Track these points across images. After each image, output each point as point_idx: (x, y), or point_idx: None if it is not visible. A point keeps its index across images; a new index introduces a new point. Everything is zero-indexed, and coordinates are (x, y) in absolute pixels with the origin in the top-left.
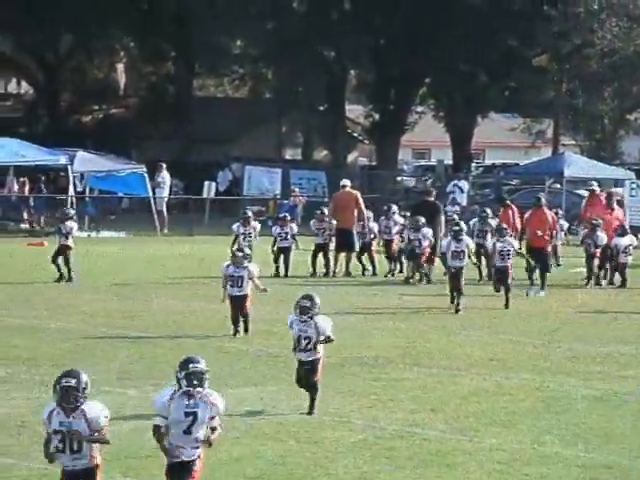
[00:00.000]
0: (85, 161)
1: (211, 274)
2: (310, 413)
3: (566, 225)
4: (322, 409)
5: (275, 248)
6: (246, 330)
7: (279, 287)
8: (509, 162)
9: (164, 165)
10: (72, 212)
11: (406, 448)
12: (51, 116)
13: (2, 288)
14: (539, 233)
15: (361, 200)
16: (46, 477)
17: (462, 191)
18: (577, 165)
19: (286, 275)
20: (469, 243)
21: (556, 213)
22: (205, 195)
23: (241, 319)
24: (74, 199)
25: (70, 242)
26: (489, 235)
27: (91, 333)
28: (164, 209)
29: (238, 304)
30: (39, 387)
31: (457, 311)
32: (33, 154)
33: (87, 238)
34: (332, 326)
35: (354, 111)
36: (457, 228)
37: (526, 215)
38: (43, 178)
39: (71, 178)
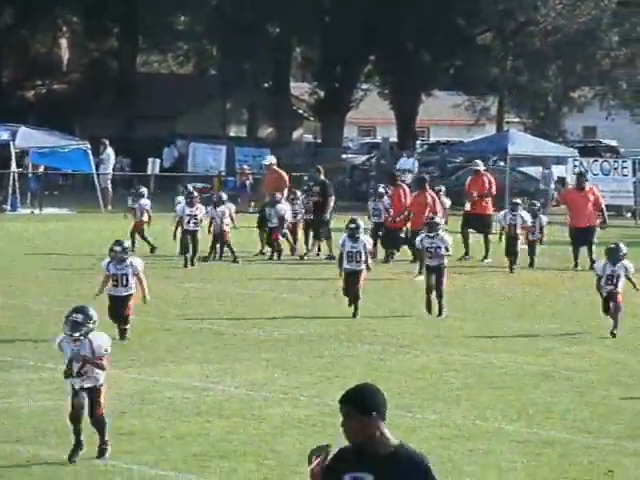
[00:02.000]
0: (28, 137)
1: (157, 252)
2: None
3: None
4: (267, 386)
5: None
6: (122, 335)
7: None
8: (453, 140)
9: (107, 141)
10: (144, 189)
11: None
12: None
13: None
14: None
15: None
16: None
17: (410, 171)
18: (521, 143)
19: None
20: (367, 243)
21: (438, 192)
22: (149, 172)
23: (118, 323)
24: (16, 175)
25: (145, 218)
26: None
27: (38, 310)
28: (108, 186)
29: (122, 305)
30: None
31: (355, 315)
32: None
33: (30, 215)
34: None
35: (299, 88)
36: (353, 226)
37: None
38: None
39: (13, 154)
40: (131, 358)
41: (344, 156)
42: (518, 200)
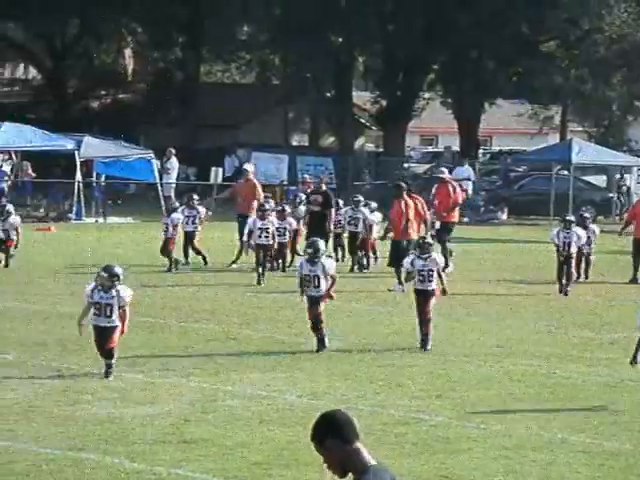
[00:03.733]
0: (92, 146)
1: (219, 260)
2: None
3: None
4: (329, 395)
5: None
6: (107, 372)
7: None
8: (516, 149)
9: (173, 151)
10: (177, 204)
11: (412, 434)
12: (58, 101)
13: (12, 273)
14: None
15: (259, 188)
16: (53, 462)
17: (469, 178)
18: (585, 152)
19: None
20: (329, 266)
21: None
22: (212, 181)
23: (103, 357)
24: (81, 185)
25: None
26: (361, 223)
27: None
28: (172, 195)
29: (104, 337)
30: (46, 372)
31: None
32: (41, 139)
33: (94, 224)
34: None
35: (361, 97)
36: (310, 250)
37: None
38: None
39: (78, 164)
40: (194, 366)
41: (406, 165)
42: (571, 217)
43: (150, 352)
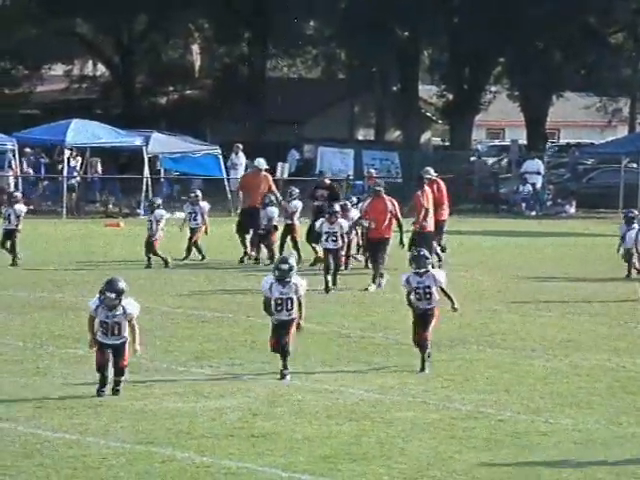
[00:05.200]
0: (160, 142)
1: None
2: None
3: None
4: (396, 389)
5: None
6: (115, 389)
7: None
8: (584, 141)
9: (241, 146)
10: (159, 201)
11: (481, 429)
12: (126, 98)
13: (85, 268)
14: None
15: (271, 181)
16: (123, 455)
17: (539, 172)
18: None
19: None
20: (301, 287)
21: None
22: (278, 176)
23: (112, 376)
24: (149, 180)
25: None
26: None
27: (169, 313)
28: None
29: (115, 355)
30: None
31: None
32: (109, 136)
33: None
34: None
35: (427, 91)
36: (285, 267)
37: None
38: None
39: (146, 159)
40: (261, 361)
41: (472, 159)
42: (635, 213)
43: (218, 346)
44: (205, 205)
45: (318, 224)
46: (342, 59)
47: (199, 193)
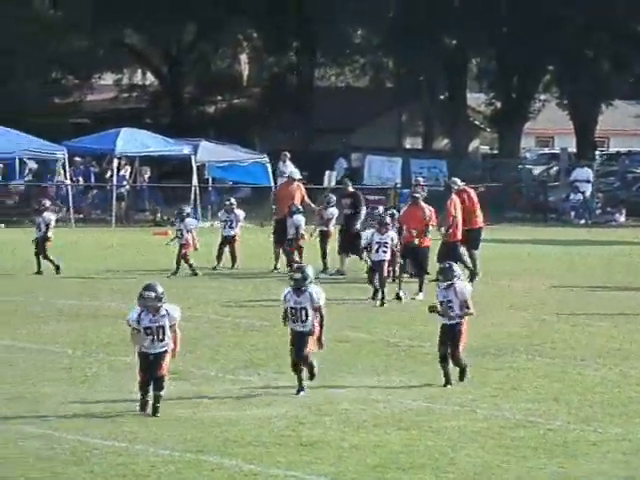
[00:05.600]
0: (208, 151)
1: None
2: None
3: None
4: (444, 398)
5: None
6: (155, 408)
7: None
8: (635, 149)
9: (288, 155)
10: (189, 209)
11: (530, 438)
12: (175, 107)
13: (134, 276)
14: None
15: (304, 191)
16: (172, 463)
17: (588, 180)
18: None
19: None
20: (318, 296)
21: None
22: (325, 184)
23: (151, 387)
24: (197, 189)
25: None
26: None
27: (217, 321)
28: None
29: (155, 363)
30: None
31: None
32: (158, 144)
33: (210, 227)
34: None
35: (475, 99)
36: (299, 276)
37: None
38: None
39: (194, 168)
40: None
41: (521, 167)
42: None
43: (266, 355)
44: (240, 213)
45: (368, 234)
46: (390, 68)
47: (234, 201)
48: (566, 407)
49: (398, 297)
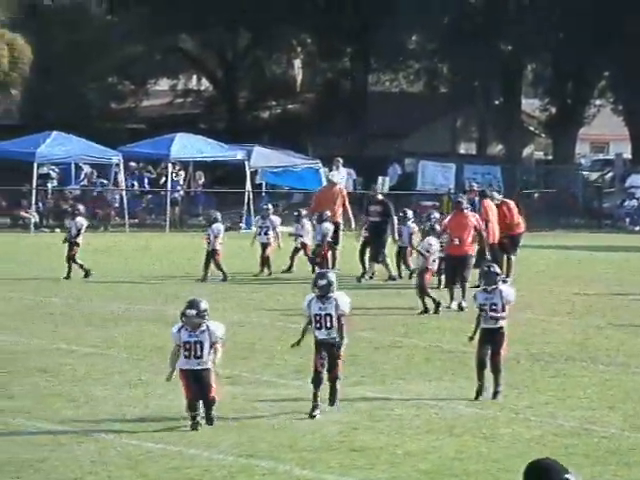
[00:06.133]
0: (262, 156)
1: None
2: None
3: None
4: (498, 405)
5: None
6: (209, 420)
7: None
8: None
9: (341, 160)
10: (218, 215)
11: (584, 445)
12: (230, 112)
13: (188, 281)
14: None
15: (345, 196)
16: (224, 468)
17: None
18: None
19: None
20: (344, 302)
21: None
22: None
23: (202, 406)
24: (251, 194)
25: (218, 246)
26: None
27: (270, 326)
28: None
29: (200, 382)
30: (217, 379)
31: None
32: (212, 150)
33: None
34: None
35: (530, 105)
36: (323, 282)
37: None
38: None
39: (248, 173)
40: (361, 375)
41: (577, 172)
42: None
43: None
44: (276, 219)
45: (427, 240)
46: (444, 73)
47: (270, 206)
48: (621, 415)
49: (460, 307)
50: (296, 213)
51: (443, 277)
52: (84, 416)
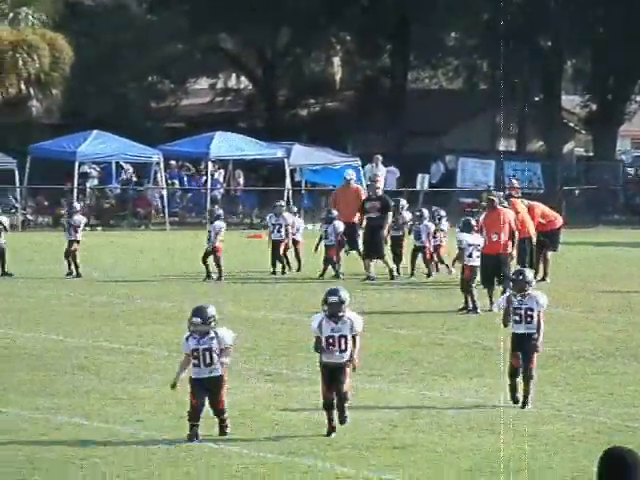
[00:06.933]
0: (301, 154)
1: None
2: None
3: None
4: (539, 402)
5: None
6: (223, 431)
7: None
8: None
9: (380, 157)
10: (220, 212)
11: (626, 443)
12: (269, 110)
13: (227, 278)
14: (494, 238)
15: (363, 195)
16: (265, 465)
17: None
18: None
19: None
20: (357, 322)
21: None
22: (418, 187)
23: (216, 417)
24: (290, 192)
25: (217, 243)
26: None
27: (308, 324)
28: None
29: (211, 391)
30: (258, 377)
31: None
32: (252, 148)
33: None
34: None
35: (570, 101)
36: (335, 299)
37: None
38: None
39: (287, 171)
40: (401, 372)
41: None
42: None
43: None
44: (289, 217)
45: (465, 238)
46: (484, 70)
47: (284, 204)
48: None
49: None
50: (278, 204)
51: (443, 267)
52: (125, 414)
